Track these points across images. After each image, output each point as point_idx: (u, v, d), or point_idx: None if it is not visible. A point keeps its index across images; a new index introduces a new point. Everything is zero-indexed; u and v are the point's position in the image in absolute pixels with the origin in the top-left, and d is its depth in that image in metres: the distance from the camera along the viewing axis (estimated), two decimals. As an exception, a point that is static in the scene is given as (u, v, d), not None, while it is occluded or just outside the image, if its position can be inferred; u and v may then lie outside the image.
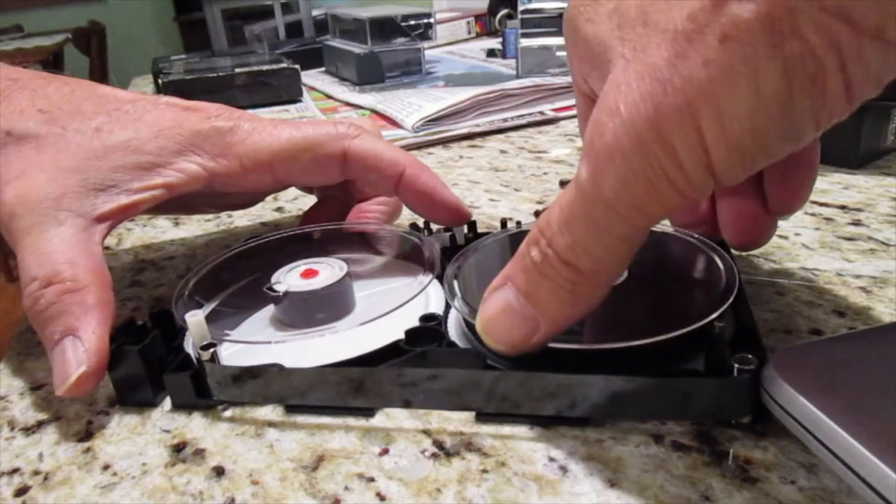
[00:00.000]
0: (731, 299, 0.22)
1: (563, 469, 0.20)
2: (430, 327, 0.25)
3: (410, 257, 0.30)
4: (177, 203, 0.31)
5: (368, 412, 0.23)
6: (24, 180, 0.27)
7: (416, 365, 0.23)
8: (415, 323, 0.25)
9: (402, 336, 0.25)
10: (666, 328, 0.21)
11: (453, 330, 0.26)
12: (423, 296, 0.27)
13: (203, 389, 0.24)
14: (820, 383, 0.18)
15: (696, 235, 0.28)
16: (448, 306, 0.27)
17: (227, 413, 0.24)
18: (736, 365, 0.19)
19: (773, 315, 0.27)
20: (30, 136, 0.28)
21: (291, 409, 0.24)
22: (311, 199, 0.41)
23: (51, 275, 0.25)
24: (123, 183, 0.28)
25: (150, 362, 0.25)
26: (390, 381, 0.22)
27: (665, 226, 0.30)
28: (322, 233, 0.33)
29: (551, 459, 0.21)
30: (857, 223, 0.35)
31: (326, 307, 0.27)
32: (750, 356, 0.20)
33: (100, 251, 0.27)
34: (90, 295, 0.25)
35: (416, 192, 0.31)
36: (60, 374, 0.23)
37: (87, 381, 0.23)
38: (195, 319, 0.24)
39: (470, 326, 0.25)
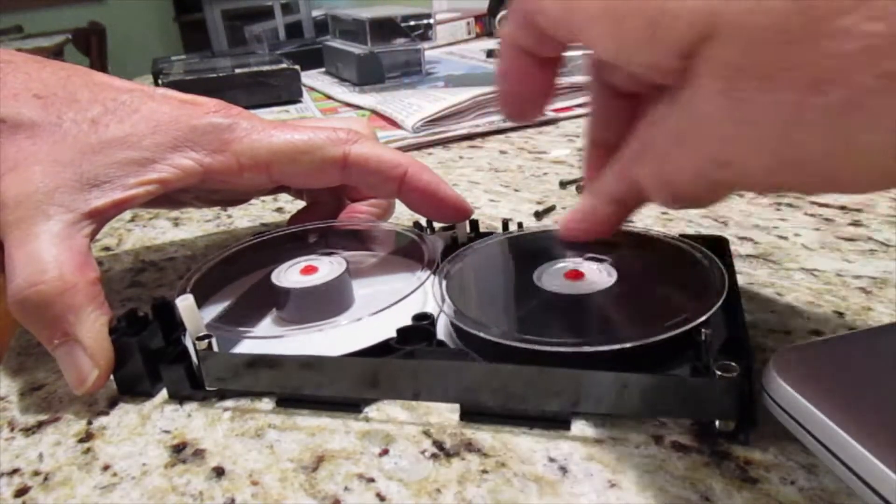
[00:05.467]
0: (716, 305, 0.22)
1: (563, 469, 0.20)
2: (422, 326, 0.25)
3: (410, 254, 0.30)
4: (166, 198, 0.31)
5: (356, 409, 0.23)
6: (19, 172, 0.26)
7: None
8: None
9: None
10: (653, 333, 0.21)
11: (444, 329, 0.26)
12: (422, 293, 0.27)
13: (198, 380, 0.24)
14: (820, 383, 0.18)
15: (688, 241, 0.28)
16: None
17: (227, 413, 0.24)
18: (718, 372, 0.19)
19: (773, 315, 0.27)
20: (24, 123, 0.27)
21: (283, 402, 0.24)
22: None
23: (36, 274, 0.24)
24: (118, 178, 0.27)
25: (148, 353, 0.25)
26: (404, 372, 0.22)
27: (659, 230, 0.30)
28: (321, 231, 0.33)
29: (551, 460, 0.21)
30: (856, 224, 0.35)
31: (325, 303, 0.27)
32: (732, 363, 0.19)
33: (86, 245, 0.26)
34: (79, 294, 0.25)
35: (420, 191, 0.31)
36: (73, 378, 0.25)
37: (101, 380, 0.25)
38: (186, 304, 0.24)
39: (457, 328, 0.25)
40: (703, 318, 0.21)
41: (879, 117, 0.15)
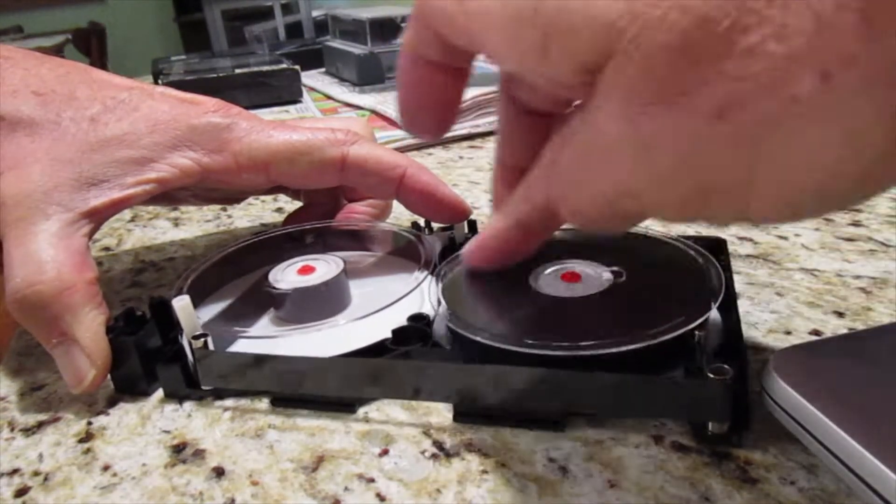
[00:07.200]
0: (710, 311, 0.22)
1: (563, 470, 0.20)
2: (418, 327, 0.25)
3: (408, 255, 0.30)
4: (163, 196, 0.31)
5: (350, 409, 0.23)
6: (19, 171, 0.26)
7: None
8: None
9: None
10: (647, 338, 0.21)
11: (441, 331, 0.26)
12: (420, 293, 0.27)
13: (194, 380, 0.24)
14: (820, 383, 0.18)
15: (686, 242, 0.28)
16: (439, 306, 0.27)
17: (227, 413, 0.24)
18: (710, 374, 0.19)
19: (773, 315, 0.27)
20: (23, 121, 0.27)
21: (277, 402, 0.24)
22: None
23: (34, 273, 0.24)
24: (116, 177, 0.27)
25: (145, 353, 0.25)
26: (398, 373, 0.22)
27: (656, 231, 0.30)
28: (319, 231, 0.33)
29: (551, 460, 0.21)
30: (856, 224, 0.35)
31: (322, 303, 0.27)
32: (725, 366, 0.19)
33: (84, 244, 0.26)
34: (77, 294, 0.25)
35: (418, 192, 0.31)
36: (71, 377, 0.25)
37: (98, 379, 0.25)
38: (182, 304, 0.24)
39: (453, 332, 0.25)
40: (697, 323, 0.21)
41: (786, 148, 0.13)
